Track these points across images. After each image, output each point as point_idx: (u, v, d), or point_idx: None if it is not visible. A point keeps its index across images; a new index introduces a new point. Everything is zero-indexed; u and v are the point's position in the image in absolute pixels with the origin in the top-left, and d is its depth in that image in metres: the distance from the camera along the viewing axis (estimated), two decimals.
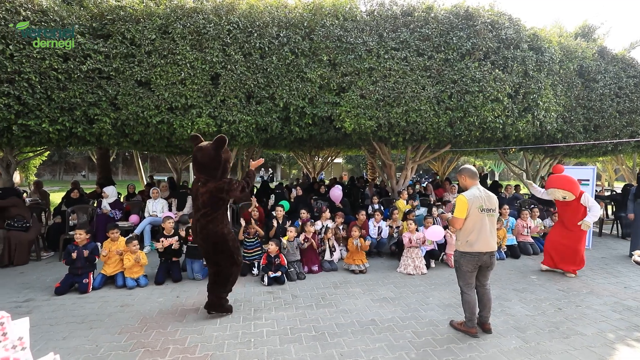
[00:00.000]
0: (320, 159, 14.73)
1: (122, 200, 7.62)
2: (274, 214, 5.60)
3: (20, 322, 1.27)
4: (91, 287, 4.12)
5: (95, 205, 6.75)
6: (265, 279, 4.38)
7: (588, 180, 6.34)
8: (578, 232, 4.73)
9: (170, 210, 6.59)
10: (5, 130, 4.88)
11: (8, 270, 4.95)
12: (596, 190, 8.67)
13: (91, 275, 4.17)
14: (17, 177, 16.20)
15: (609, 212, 9.56)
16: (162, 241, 4.45)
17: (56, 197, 10.52)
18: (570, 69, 6.87)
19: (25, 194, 7.48)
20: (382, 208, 6.67)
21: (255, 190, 9.62)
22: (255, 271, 4.77)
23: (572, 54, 6.96)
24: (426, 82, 5.66)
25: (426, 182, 11.65)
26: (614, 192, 9.85)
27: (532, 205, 6.78)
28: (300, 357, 2.76)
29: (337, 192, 6.94)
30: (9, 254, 5.12)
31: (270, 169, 30.05)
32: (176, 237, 4.57)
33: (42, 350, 2.83)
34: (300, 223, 5.43)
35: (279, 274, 4.43)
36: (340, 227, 5.73)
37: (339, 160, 25.16)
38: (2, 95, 4.61)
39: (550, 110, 6.39)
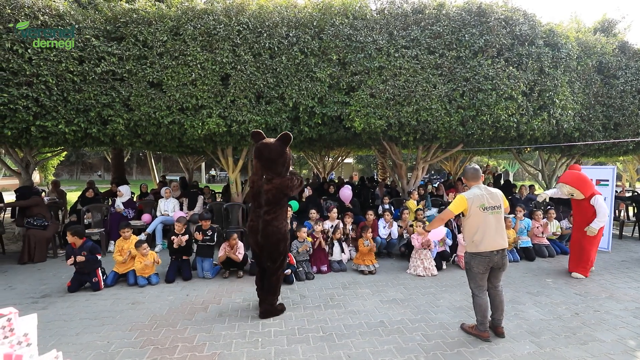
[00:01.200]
0: (330, 159, 14.70)
1: (135, 199, 7.77)
2: None
3: (28, 319, 1.29)
4: (103, 284, 4.20)
5: (109, 204, 6.91)
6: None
7: (607, 180, 6.12)
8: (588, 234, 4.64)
9: (181, 209, 6.68)
10: (24, 131, 5.04)
11: (27, 266, 5.12)
12: (616, 191, 8.36)
13: (99, 272, 4.20)
14: (36, 177, 16.79)
15: (630, 213, 9.21)
16: (174, 239, 4.52)
17: (73, 196, 10.82)
18: (588, 66, 6.64)
19: (43, 193, 7.71)
20: (392, 208, 6.59)
21: None
22: None
23: (590, 50, 6.73)
24: (437, 81, 5.57)
25: (438, 183, 11.48)
26: (636, 193, 9.48)
27: (548, 207, 6.58)
28: (307, 357, 2.75)
29: (346, 192, 6.90)
30: (29, 251, 5.28)
31: None
32: (186, 236, 4.63)
33: (56, 346, 2.90)
34: (310, 224, 5.43)
35: (288, 272, 4.42)
36: (350, 228, 5.69)
37: (349, 160, 25.06)
38: (21, 98, 4.76)
39: (567, 108, 6.19)
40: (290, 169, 3.59)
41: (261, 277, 3.55)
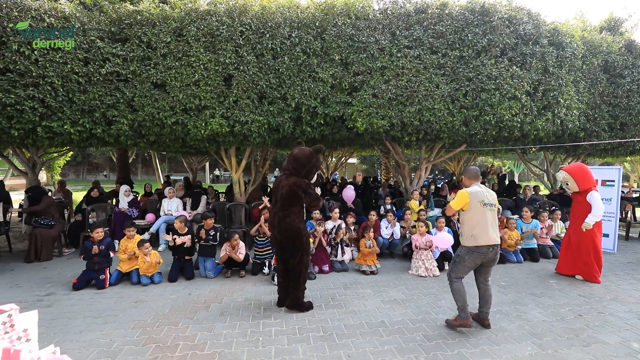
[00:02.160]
0: (334, 159, 14.70)
1: (139, 199, 7.85)
2: None
3: (29, 315, 1.32)
4: (108, 283, 4.25)
5: (113, 203, 6.98)
6: (276, 279, 4.39)
7: (613, 181, 6.04)
8: (586, 233, 4.53)
9: (184, 209, 6.73)
10: (31, 131, 5.12)
11: (33, 265, 5.19)
12: (623, 192, 8.26)
13: (107, 271, 4.29)
14: (43, 177, 17.03)
15: (638, 214, 9.09)
16: (175, 238, 4.55)
17: (79, 196, 10.96)
18: (594, 65, 6.57)
19: (50, 192, 7.82)
20: (394, 209, 6.57)
21: (269, 189, 9.71)
22: (266, 270, 4.80)
23: (596, 49, 6.66)
24: (440, 80, 5.55)
25: (442, 183, 11.43)
26: None
27: (553, 207, 6.53)
28: (308, 357, 2.75)
29: (349, 193, 6.89)
30: (36, 250, 5.36)
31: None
32: (189, 236, 4.66)
33: (59, 343, 2.94)
34: (312, 224, 5.43)
35: None
36: (352, 228, 5.68)
37: (353, 160, 25.04)
38: (28, 99, 4.84)
39: (571, 108, 6.13)
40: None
41: (282, 274, 3.63)
